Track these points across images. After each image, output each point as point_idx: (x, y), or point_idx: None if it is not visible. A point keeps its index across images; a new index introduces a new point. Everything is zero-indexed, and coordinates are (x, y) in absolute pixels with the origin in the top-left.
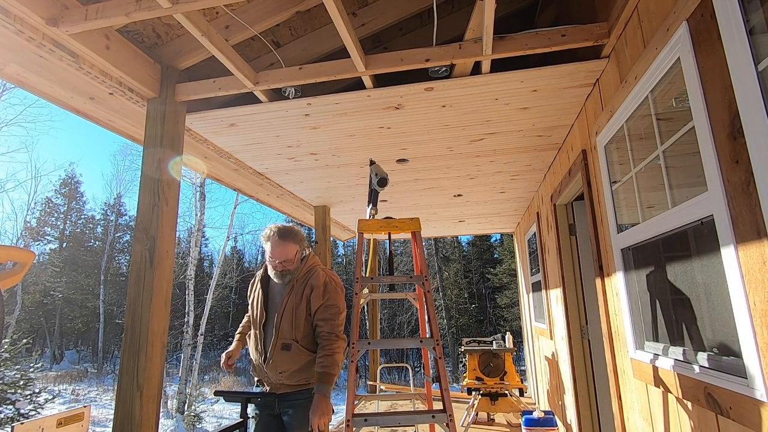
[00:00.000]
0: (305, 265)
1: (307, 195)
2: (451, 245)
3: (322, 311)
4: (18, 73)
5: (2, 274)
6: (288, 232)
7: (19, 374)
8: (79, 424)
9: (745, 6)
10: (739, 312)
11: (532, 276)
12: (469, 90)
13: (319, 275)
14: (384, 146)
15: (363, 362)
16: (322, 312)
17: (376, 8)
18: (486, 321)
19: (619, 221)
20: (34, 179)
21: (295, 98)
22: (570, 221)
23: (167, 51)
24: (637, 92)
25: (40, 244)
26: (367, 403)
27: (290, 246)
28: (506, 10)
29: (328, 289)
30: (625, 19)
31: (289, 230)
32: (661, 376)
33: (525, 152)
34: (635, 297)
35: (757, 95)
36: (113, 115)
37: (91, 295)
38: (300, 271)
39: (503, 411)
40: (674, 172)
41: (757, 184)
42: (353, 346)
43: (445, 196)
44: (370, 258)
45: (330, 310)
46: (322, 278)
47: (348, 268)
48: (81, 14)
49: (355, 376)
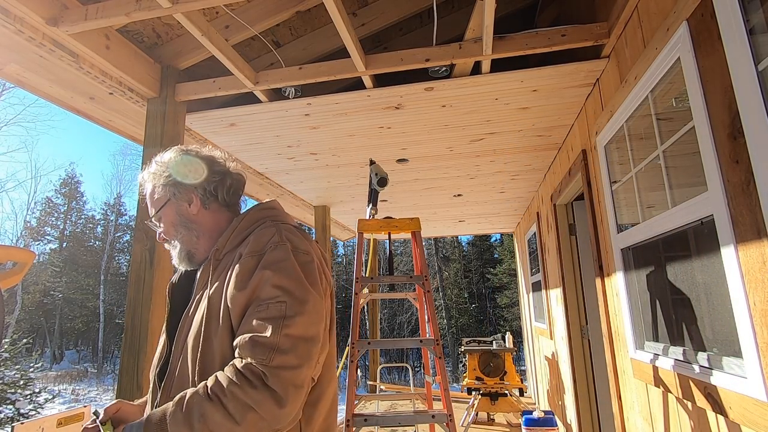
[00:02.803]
0: (238, 227)
1: (307, 195)
2: (451, 245)
3: (249, 315)
4: (18, 72)
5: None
6: (155, 164)
7: (19, 374)
8: (79, 424)
9: (745, 6)
10: (739, 312)
11: (532, 276)
12: (469, 90)
13: (260, 236)
14: (384, 146)
15: (363, 362)
16: (249, 316)
17: (376, 8)
18: (486, 321)
19: (619, 221)
20: (34, 179)
21: (295, 98)
22: (570, 221)
23: (167, 51)
24: (637, 92)
25: (40, 244)
26: (367, 403)
27: (158, 196)
28: (506, 10)
29: (267, 261)
30: (625, 19)
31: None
32: (661, 376)
33: (525, 152)
34: (635, 297)
35: (757, 95)
36: (113, 114)
37: (91, 295)
38: (223, 243)
39: (503, 411)
40: (674, 172)
41: (757, 184)
42: (353, 346)
43: (445, 196)
44: (370, 258)
45: (263, 310)
46: (262, 240)
47: (348, 268)
48: (81, 14)
49: (355, 376)
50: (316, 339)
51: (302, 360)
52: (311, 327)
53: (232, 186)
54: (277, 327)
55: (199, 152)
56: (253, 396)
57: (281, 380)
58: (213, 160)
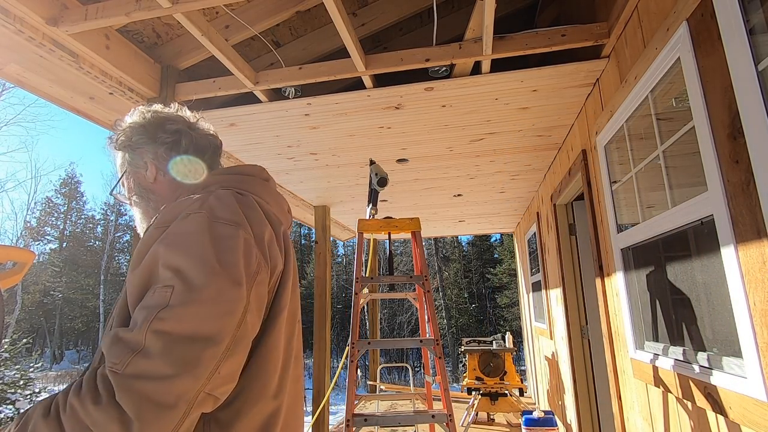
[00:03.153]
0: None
1: (307, 195)
2: (451, 245)
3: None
4: (18, 72)
5: (2, 274)
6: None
7: (19, 374)
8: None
9: (745, 6)
10: (739, 312)
11: (532, 276)
12: (469, 90)
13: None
14: (384, 146)
15: (363, 362)
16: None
17: (376, 8)
18: (486, 321)
19: (619, 221)
20: (34, 179)
21: (295, 98)
22: (570, 221)
23: (167, 51)
24: (637, 92)
25: (40, 244)
26: (367, 403)
27: (119, 163)
28: (506, 10)
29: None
30: (625, 19)
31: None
32: (661, 376)
33: (525, 152)
34: (635, 297)
35: (757, 95)
36: (113, 114)
37: (91, 295)
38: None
39: (503, 411)
40: (674, 172)
41: (757, 184)
42: (353, 346)
43: (445, 196)
44: (370, 258)
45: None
46: (176, 209)
47: (348, 268)
48: (81, 14)
49: (355, 375)
50: (215, 339)
51: (178, 368)
52: (206, 322)
53: (191, 147)
54: (147, 320)
55: (157, 112)
56: (93, 415)
57: (133, 395)
58: (165, 119)
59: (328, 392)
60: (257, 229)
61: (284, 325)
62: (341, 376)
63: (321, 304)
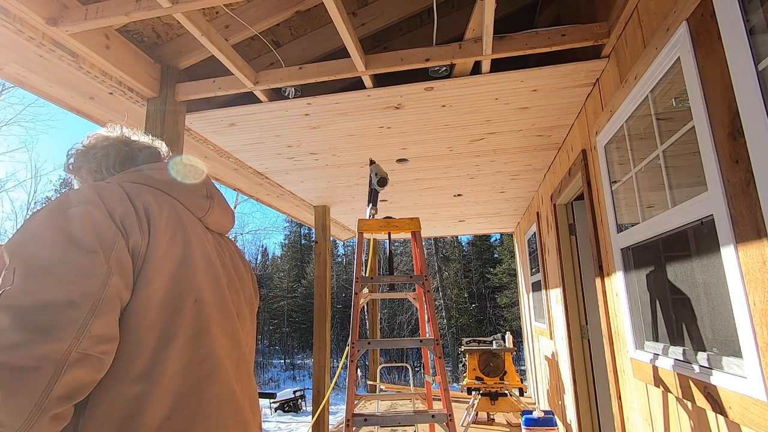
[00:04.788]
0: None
1: (307, 195)
2: (451, 245)
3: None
4: (18, 72)
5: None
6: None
7: None
8: None
9: (745, 6)
10: (739, 312)
11: (532, 276)
12: (469, 90)
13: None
14: (384, 146)
15: (363, 362)
16: None
17: (376, 8)
18: (486, 321)
19: (619, 221)
20: (33, 179)
21: (295, 98)
22: (570, 221)
23: (167, 51)
24: (637, 92)
25: None
26: (367, 403)
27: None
28: (506, 10)
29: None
30: (625, 19)
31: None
32: (661, 375)
33: (525, 152)
34: (635, 297)
35: (757, 95)
36: (113, 114)
37: None
38: None
39: (503, 411)
40: (674, 171)
41: (757, 184)
42: (353, 346)
43: (445, 195)
44: (370, 258)
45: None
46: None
47: (348, 268)
48: (81, 14)
49: (355, 375)
50: (74, 302)
51: (32, 334)
52: (57, 288)
53: (119, 158)
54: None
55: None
56: None
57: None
58: (102, 139)
59: (328, 392)
60: (110, 206)
61: (154, 302)
62: (341, 376)
63: (321, 303)
